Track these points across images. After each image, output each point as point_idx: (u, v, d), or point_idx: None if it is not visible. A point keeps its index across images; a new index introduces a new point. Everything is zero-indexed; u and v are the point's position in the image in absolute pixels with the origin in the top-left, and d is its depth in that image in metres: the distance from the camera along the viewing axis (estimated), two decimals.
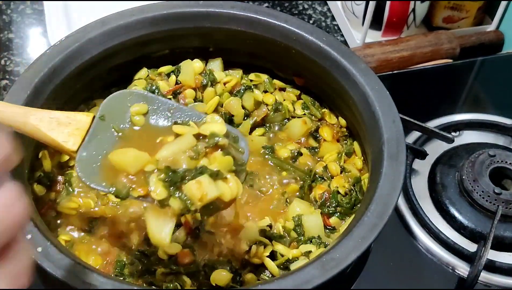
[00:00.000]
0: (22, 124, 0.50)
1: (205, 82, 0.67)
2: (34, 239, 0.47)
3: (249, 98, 0.68)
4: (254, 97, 0.68)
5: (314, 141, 0.69)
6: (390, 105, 0.60)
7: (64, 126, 0.51)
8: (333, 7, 1.02)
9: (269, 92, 0.70)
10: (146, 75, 0.68)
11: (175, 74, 0.67)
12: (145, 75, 0.68)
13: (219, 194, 0.45)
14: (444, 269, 0.65)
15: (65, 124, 0.51)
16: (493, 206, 0.67)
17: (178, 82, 0.67)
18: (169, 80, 0.67)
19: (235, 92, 0.69)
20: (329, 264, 0.47)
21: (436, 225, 0.67)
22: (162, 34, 0.67)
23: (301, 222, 0.60)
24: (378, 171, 0.55)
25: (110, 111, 0.52)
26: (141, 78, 0.68)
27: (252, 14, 0.67)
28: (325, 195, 0.62)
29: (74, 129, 0.51)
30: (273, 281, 0.48)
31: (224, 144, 0.47)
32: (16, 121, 0.50)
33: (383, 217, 0.51)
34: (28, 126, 0.50)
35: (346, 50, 0.65)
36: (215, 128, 0.48)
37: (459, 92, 0.87)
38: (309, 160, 0.67)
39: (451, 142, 0.72)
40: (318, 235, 0.59)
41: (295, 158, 0.66)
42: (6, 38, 0.92)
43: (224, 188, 0.46)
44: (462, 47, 0.95)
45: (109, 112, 0.52)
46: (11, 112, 0.49)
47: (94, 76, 0.66)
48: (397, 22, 0.93)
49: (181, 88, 0.67)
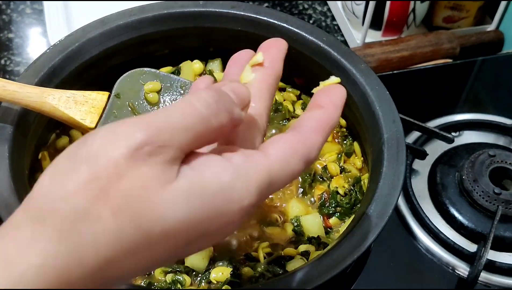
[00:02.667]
0: (40, 104, 0.51)
1: None
2: None
3: None
4: None
5: None
6: (390, 105, 0.60)
7: (81, 104, 0.52)
8: (333, 7, 1.02)
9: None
10: None
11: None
12: None
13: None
14: (444, 269, 0.65)
15: (82, 102, 0.52)
16: (493, 206, 0.67)
17: None
18: None
19: None
20: (329, 264, 0.47)
21: (436, 225, 0.67)
22: (162, 34, 0.67)
23: (300, 223, 0.60)
24: (378, 171, 0.55)
25: (124, 90, 0.53)
26: None
27: (252, 14, 0.67)
28: (324, 196, 0.62)
29: (90, 107, 0.52)
30: (273, 281, 0.48)
31: None
32: (34, 102, 0.51)
33: (383, 217, 0.51)
34: (46, 106, 0.52)
35: (346, 50, 0.64)
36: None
37: (459, 92, 0.87)
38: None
39: (451, 142, 0.72)
40: (317, 235, 0.59)
41: None
42: (6, 38, 0.92)
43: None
44: (462, 47, 0.94)
45: (123, 90, 0.53)
46: (28, 92, 0.51)
47: (94, 76, 0.66)
48: (397, 22, 0.93)
49: None
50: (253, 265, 0.56)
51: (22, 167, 0.55)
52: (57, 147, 0.64)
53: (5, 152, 0.52)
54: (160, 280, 0.55)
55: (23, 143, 0.55)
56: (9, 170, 0.51)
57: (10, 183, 0.50)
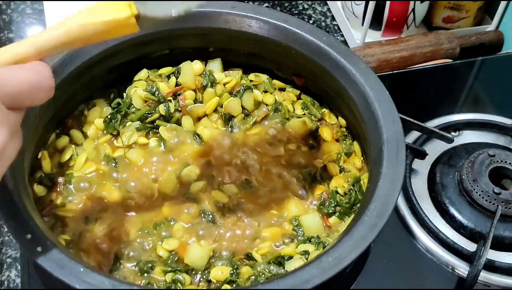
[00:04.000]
0: (65, 34, 0.45)
1: (205, 83, 0.67)
2: (34, 239, 0.47)
3: (249, 98, 0.68)
4: (254, 97, 0.68)
5: (314, 141, 0.69)
6: (390, 105, 0.60)
7: (105, 7, 0.46)
8: (333, 7, 1.02)
9: (269, 92, 0.70)
10: (147, 76, 0.68)
11: (175, 76, 0.68)
12: (145, 76, 0.68)
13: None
14: (443, 269, 0.65)
15: (103, 6, 0.46)
16: (492, 206, 0.67)
17: (178, 83, 0.67)
18: (169, 82, 0.67)
19: (234, 93, 0.69)
20: (328, 263, 0.47)
21: (436, 225, 0.68)
22: (162, 34, 0.67)
23: (299, 222, 0.60)
24: (378, 171, 0.55)
25: None
26: (141, 79, 0.68)
27: (252, 14, 0.67)
28: (323, 196, 0.62)
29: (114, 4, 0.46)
30: (272, 280, 0.48)
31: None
32: (58, 38, 0.45)
33: (383, 217, 0.51)
34: (73, 31, 0.46)
35: (346, 50, 0.65)
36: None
37: (459, 92, 0.87)
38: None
39: (451, 142, 0.72)
40: (317, 235, 0.59)
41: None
42: (6, 38, 0.92)
43: None
44: (462, 47, 0.95)
45: None
46: (48, 35, 0.45)
47: (94, 76, 0.66)
48: (397, 22, 0.93)
49: (181, 89, 0.67)
50: (253, 264, 0.56)
51: (22, 167, 0.55)
52: (57, 147, 0.64)
53: None
54: (159, 280, 0.55)
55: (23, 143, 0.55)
56: (9, 170, 0.51)
57: (10, 183, 0.50)
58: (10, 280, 0.64)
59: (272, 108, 0.69)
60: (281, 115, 0.69)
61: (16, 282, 0.65)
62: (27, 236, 0.47)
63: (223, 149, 0.65)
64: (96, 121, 0.66)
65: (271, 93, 0.70)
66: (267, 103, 0.69)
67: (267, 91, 0.70)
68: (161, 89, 0.66)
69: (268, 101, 0.69)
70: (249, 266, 0.56)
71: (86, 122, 0.67)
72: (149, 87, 0.66)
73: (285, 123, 0.68)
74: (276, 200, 0.63)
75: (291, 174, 0.65)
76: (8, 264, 0.66)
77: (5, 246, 0.67)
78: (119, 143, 0.65)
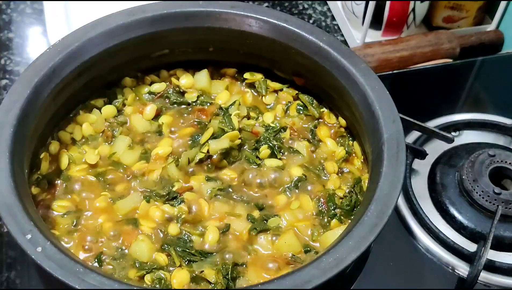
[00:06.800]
0: None
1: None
2: (34, 239, 0.47)
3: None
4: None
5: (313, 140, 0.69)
6: (390, 105, 0.60)
7: None
8: (333, 7, 1.02)
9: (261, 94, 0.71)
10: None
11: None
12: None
13: None
14: (444, 269, 0.65)
15: None
16: (493, 206, 0.67)
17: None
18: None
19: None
20: (329, 264, 0.47)
21: (436, 225, 0.68)
22: (162, 34, 0.67)
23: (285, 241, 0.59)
24: (378, 171, 0.55)
25: None
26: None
27: (252, 14, 0.67)
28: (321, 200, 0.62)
29: None
30: (273, 281, 0.48)
31: None
32: None
33: (383, 217, 0.51)
34: None
35: (346, 50, 0.65)
36: None
37: (459, 92, 0.87)
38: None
39: (451, 142, 0.72)
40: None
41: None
42: (6, 37, 0.92)
43: None
44: (462, 47, 0.95)
45: None
46: None
47: (94, 76, 0.66)
48: (397, 22, 0.93)
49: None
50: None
51: (22, 167, 0.55)
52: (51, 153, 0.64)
53: (5, 152, 0.52)
54: (141, 284, 0.54)
55: (23, 143, 0.56)
56: (9, 170, 0.51)
57: (10, 183, 0.50)
58: (10, 280, 0.64)
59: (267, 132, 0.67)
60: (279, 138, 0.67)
61: (16, 282, 0.65)
62: (27, 236, 0.47)
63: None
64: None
65: (265, 96, 0.70)
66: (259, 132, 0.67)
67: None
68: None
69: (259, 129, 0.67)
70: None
71: (83, 123, 0.67)
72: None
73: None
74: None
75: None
76: (8, 264, 0.65)
77: (5, 246, 0.67)
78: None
